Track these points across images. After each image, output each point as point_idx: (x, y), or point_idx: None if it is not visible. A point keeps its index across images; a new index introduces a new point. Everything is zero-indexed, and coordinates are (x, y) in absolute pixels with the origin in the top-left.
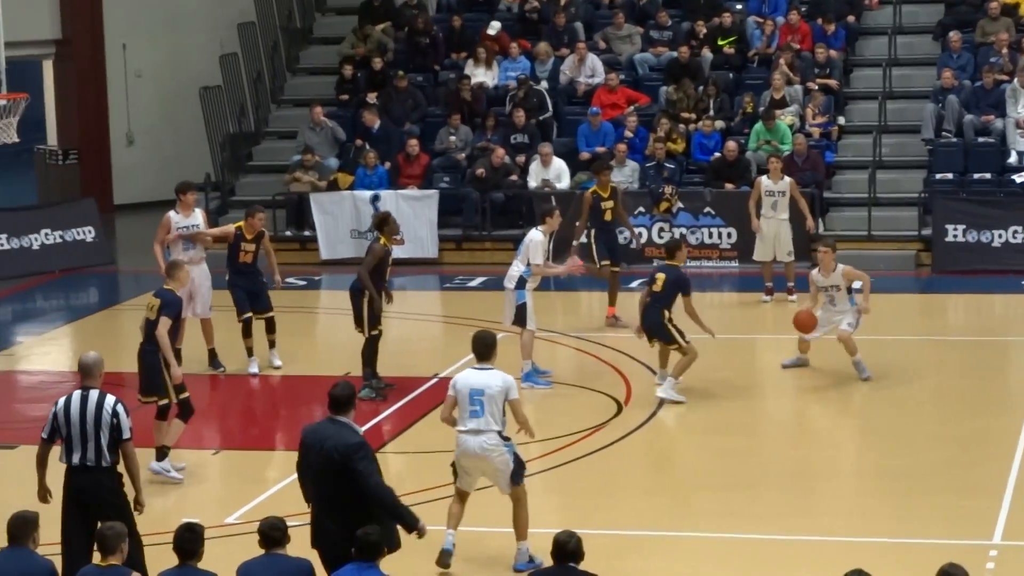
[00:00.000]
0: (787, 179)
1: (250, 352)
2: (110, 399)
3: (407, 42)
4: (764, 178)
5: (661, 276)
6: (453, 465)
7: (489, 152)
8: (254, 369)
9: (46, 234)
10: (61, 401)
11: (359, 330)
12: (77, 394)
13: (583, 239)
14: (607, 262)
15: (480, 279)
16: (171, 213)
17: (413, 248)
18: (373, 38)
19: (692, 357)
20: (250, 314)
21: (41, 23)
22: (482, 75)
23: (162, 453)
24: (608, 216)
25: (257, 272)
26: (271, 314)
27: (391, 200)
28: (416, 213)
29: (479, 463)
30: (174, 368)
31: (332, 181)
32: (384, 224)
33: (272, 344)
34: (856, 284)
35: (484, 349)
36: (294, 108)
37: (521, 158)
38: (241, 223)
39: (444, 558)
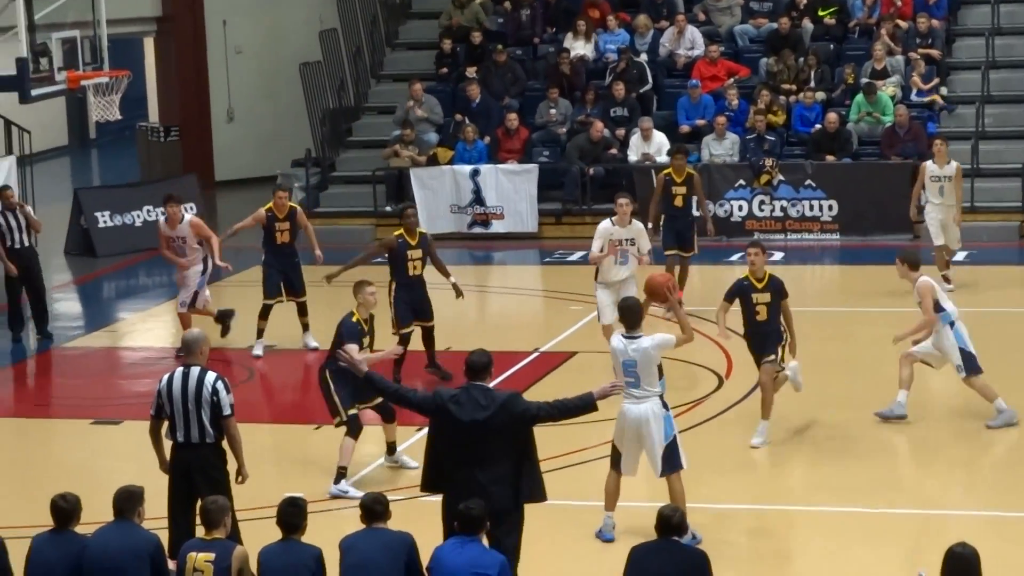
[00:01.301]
0: (954, 164)
1: (260, 334)
2: (210, 376)
3: (507, 15)
4: (930, 163)
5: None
6: (614, 446)
7: (588, 125)
8: (258, 352)
9: (148, 211)
10: (164, 378)
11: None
12: (179, 371)
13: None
14: (673, 251)
15: (580, 253)
16: (161, 222)
17: (513, 222)
18: (471, 11)
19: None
20: (275, 301)
21: (143, 1)
22: (581, 48)
23: (339, 475)
24: (679, 202)
25: (294, 253)
26: (304, 299)
27: (491, 174)
28: (516, 187)
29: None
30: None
31: (432, 156)
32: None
33: (305, 327)
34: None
35: (631, 317)
36: (393, 83)
37: (621, 131)
38: (270, 204)
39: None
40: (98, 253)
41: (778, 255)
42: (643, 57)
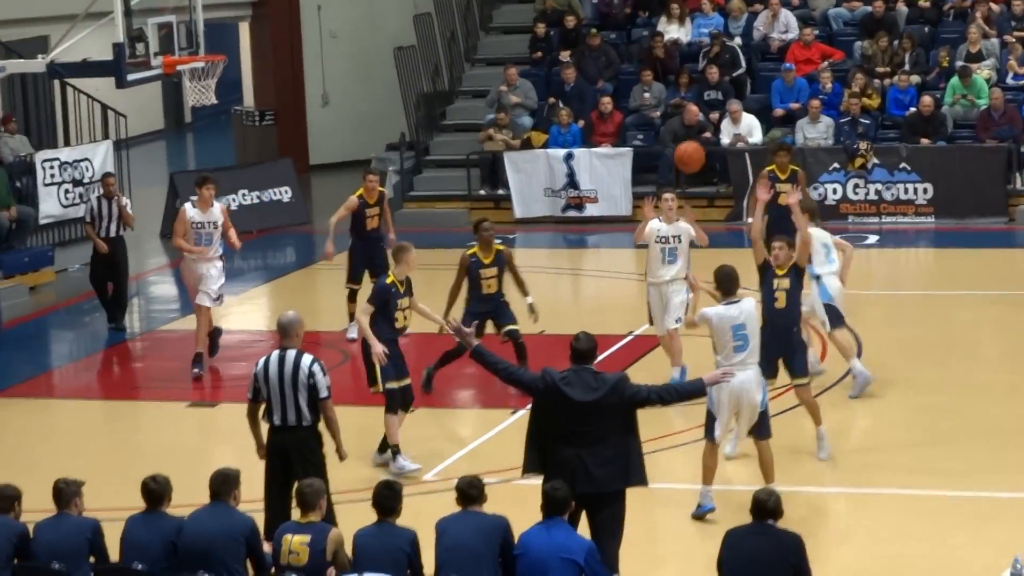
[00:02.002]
0: None
1: (352, 317)
2: (307, 358)
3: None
4: None
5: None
6: (709, 414)
7: (682, 109)
8: (352, 335)
9: (243, 194)
10: (261, 361)
11: None
12: (275, 354)
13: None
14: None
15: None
16: (187, 206)
17: (607, 206)
18: None
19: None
20: (358, 287)
21: None
22: (675, 31)
23: (393, 451)
24: (783, 199)
25: (381, 238)
26: None
27: (585, 158)
28: (610, 171)
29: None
30: (375, 346)
31: (526, 139)
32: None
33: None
34: None
35: (729, 284)
36: (488, 67)
37: (715, 115)
38: (360, 190)
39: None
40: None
41: (872, 238)
42: (737, 40)
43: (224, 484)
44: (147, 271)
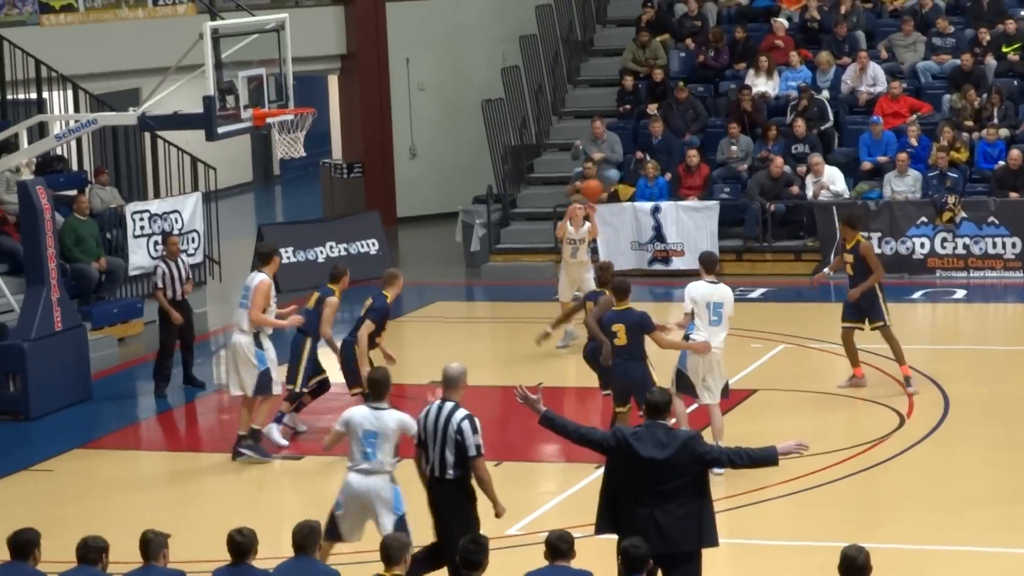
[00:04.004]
0: None
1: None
2: (459, 414)
3: (691, 53)
4: None
5: (620, 327)
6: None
7: (769, 162)
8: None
9: (331, 247)
10: (424, 410)
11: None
12: (436, 404)
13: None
14: (850, 324)
15: (761, 290)
16: (266, 279)
17: (693, 259)
18: (653, 49)
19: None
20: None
21: (327, 38)
22: (763, 85)
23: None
24: (848, 270)
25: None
26: None
27: (671, 211)
28: (696, 224)
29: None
30: (364, 370)
31: (613, 192)
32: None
33: None
34: None
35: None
36: (575, 120)
37: (802, 169)
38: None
39: None
40: (281, 288)
41: (960, 293)
42: (825, 94)
43: (309, 537)
44: (234, 323)
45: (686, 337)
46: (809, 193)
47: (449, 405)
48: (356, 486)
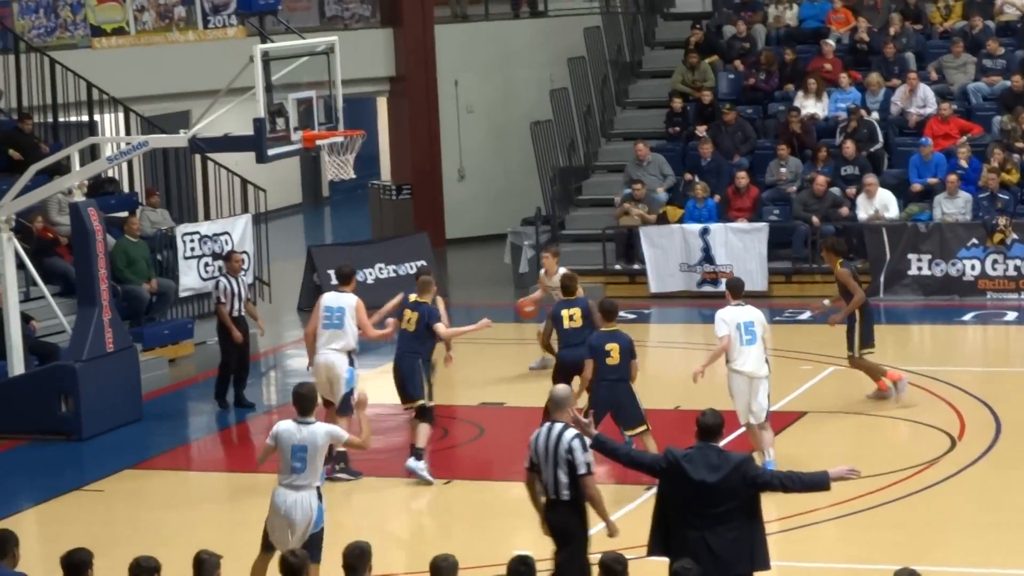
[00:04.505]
0: None
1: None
2: (568, 434)
3: (740, 75)
4: None
5: (614, 347)
6: None
7: (810, 182)
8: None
9: (380, 268)
10: (534, 433)
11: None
12: (546, 427)
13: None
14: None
15: (810, 312)
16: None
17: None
18: (701, 71)
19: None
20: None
21: (377, 61)
22: (812, 106)
23: (418, 454)
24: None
25: None
26: None
27: (720, 233)
28: (746, 246)
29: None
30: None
31: (662, 214)
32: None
33: None
34: None
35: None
36: (624, 142)
37: (851, 190)
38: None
39: None
40: None
41: (1011, 315)
42: (874, 115)
43: (360, 558)
44: (284, 344)
45: (726, 361)
46: (862, 216)
47: (559, 426)
48: (283, 500)
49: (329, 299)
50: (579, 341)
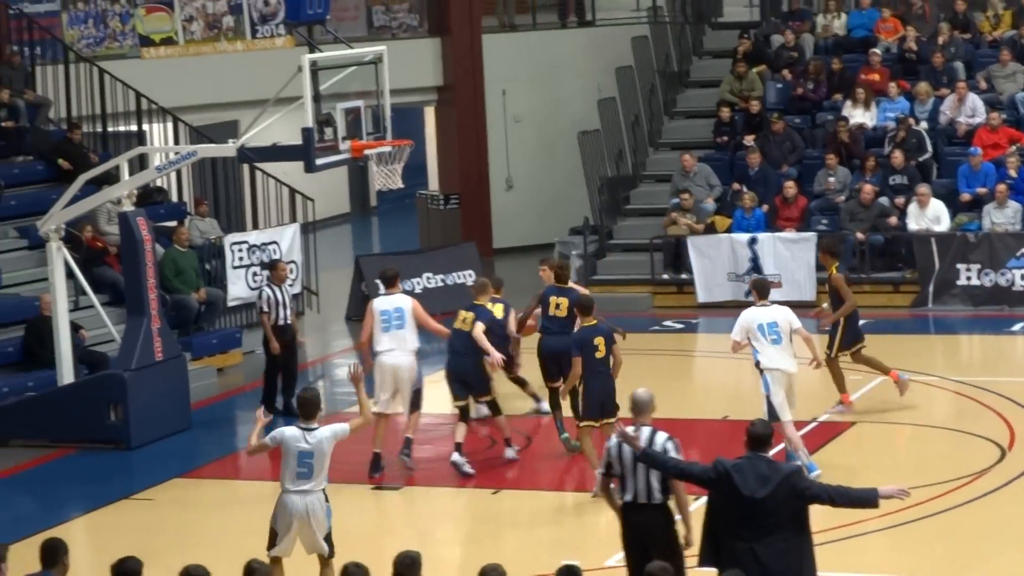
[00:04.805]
0: None
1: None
2: (660, 436)
3: (788, 84)
4: None
5: (600, 340)
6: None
7: (858, 191)
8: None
9: (428, 277)
10: (613, 438)
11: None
12: (630, 431)
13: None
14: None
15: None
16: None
17: (790, 291)
18: (749, 80)
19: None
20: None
21: (425, 70)
22: (861, 116)
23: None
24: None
25: None
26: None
27: (768, 243)
28: (794, 256)
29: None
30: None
31: (709, 224)
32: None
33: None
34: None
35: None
36: (671, 151)
37: (900, 200)
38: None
39: None
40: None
41: None
42: (923, 125)
43: (411, 568)
44: (332, 353)
45: (756, 363)
46: (912, 225)
47: (647, 430)
48: (293, 506)
49: (382, 303)
50: (561, 330)
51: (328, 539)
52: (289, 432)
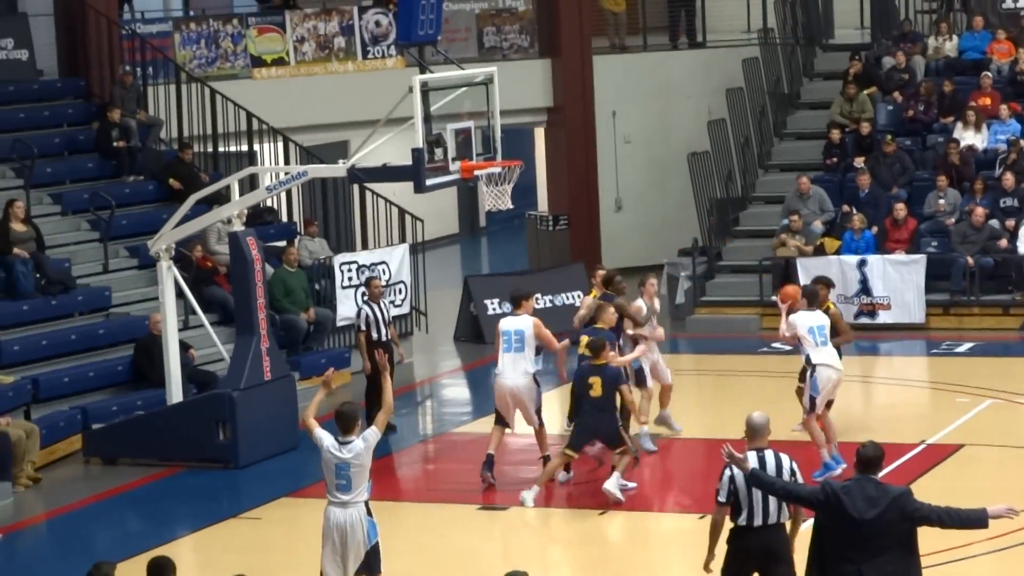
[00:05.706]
0: None
1: None
2: (786, 459)
3: (899, 106)
4: None
5: (596, 380)
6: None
7: (969, 213)
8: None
9: (537, 299)
10: (729, 467)
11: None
12: (753, 455)
13: None
14: None
15: (968, 344)
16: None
17: (900, 313)
18: (860, 102)
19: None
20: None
21: (535, 91)
22: (971, 138)
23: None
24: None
25: None
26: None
27: (878, 264)
28: (903, 278)
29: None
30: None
31: (819, 246)
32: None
33: None
34: None
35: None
36: (781, 173)
37: (1011, 222)
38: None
39: None
40: (487, 340)
41: None
42: None
43: None
44: (440, 374)
45: (806, 359)
46: (1022, 248)
47: (770, 453)
48: (335, 517)
49: (506, 324)
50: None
51: (374, 554)
52: (328, 442)
